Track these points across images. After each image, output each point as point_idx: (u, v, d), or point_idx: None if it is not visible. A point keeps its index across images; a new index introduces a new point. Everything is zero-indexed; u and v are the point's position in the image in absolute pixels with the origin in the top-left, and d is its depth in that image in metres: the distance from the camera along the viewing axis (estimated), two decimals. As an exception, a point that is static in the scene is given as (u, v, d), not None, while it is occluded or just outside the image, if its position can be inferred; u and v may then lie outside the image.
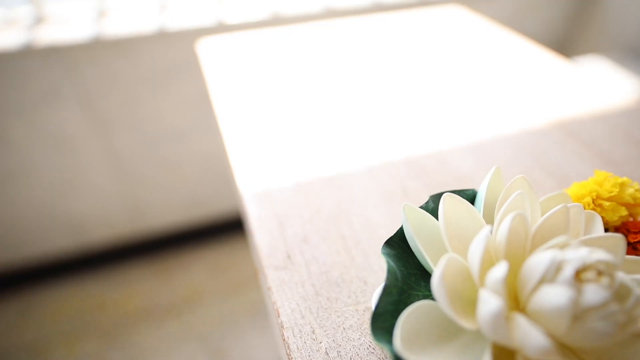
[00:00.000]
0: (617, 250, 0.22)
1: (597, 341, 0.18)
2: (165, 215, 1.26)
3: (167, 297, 1.23)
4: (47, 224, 1.14)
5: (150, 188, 1.18)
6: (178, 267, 1.32)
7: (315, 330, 0.26)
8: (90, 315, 1.18)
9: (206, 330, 1.14)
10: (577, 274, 0.18)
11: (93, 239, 1.22)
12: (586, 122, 0.46)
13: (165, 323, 1.17)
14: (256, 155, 0.41)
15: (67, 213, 1.14)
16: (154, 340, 1.13)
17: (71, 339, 1.13)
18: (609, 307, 0.17)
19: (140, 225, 1.26)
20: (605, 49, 1.29)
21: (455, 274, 0.20)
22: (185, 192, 1.22)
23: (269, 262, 0.30)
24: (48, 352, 1.09)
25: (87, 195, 1.13)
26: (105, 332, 1.14)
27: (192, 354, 1.09)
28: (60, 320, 1.17)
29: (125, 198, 1.18)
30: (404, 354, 0.18)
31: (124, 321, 1.17)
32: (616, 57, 1.22)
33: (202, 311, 1.20)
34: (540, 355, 0.17)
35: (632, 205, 0.26)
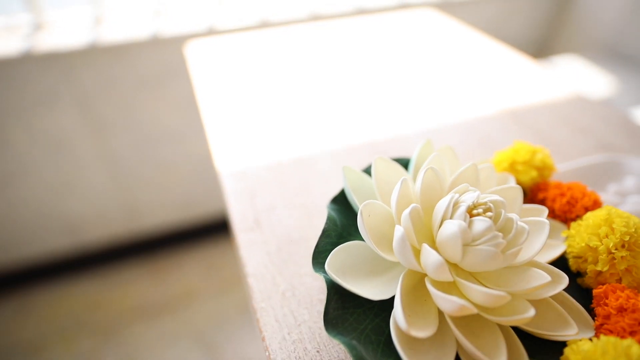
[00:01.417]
0: (516, 198, 0.27)
1: (485, 263, 0.22)
2: (160, 215, 1.29)
3: (161, 295, 1.26)
4: (43, 224, 1.17)
5: (145, 189, 1.22)
6: (172, 266, 1.35)
7: (275, 277, 0.30)
8: (86, 314, 1.20)
9: (200, 328, 1.17)
10: (469, 210, 0.23)
11: (89, 238, 1.25)
12: (533, 111, 0.51)
13: (160, 321, 1.20)
14: (234, 141, 0.46)
15: (64, 213, 1.17)
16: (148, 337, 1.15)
17: (67, 337, 1.15)
18: (492, 234, 0.22)
19: (136, 225, 1.29)
20: (580, 48, 1.35)
21: (380, 217, 0.25)
22: (179, 192, 1.26)
23: (239, 226, 0.34)
24: (45, 350, 1.12)
25: (84, 196, 1.17)
26: (101, 330, 1.16)
27: (186, 351, 1.11)
28: (56, 319, 1.19)
29: (121, 198, 1.21)
30: (331, 275, 0.23)
31: (119, 319, 1.19)
32: (590, 56, 1.28)
33: (196, 309, 1.23)
34: (437, 272, 0.22)
35: (541, 167, 0.30)
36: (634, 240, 0.24)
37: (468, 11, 1.27)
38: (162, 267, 1.34)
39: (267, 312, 0.28)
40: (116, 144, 1.10)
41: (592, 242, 0.25)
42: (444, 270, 0.21)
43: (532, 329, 0.23)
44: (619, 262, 0.24)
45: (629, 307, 0.22)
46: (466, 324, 0.23)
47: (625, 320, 0.22)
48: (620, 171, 0.37)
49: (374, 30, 0.77)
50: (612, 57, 1.27)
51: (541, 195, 0.30)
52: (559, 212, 0.29)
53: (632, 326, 0.22)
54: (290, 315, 0.28)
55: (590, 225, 0.26)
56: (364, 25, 0.79)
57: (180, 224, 1.33)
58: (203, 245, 1.39)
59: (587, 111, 0.51)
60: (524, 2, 1.35)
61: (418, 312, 0.23)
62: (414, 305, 0.23)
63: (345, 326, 0.23)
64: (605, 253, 0.25)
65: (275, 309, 0.28)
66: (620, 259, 0.24)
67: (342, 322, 0.23)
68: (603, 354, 0.20)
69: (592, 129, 0.47)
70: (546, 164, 0.31)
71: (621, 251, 0.24)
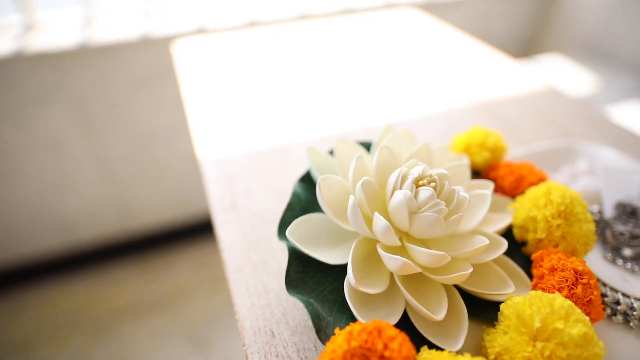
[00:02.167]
0: (464, 174, 0.29)
1: (430, 229, 0.25)
2: (152, 214, 1.31)
3: (153, 293, 1.27)
4: (36, 224, 1.18)
5: (136, 188, 1.23)
6: (164, 264, 1.36)
7: (248, 252, 0.33)
8: (78, 312, 1.21)
9: (191, 325, 1.18)
10: (416, 182, 0.25)
11: (81, 237, 1.26)
12: (504, 103, 0.54)
13: (151, 318, 1.21)
14: (216, 132, 0.48)
15: (56, 213, 1.18)
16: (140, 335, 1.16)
17: (60, 335, 1.16)
18: (435, 201, 0.24)
19: (127, 224, 1.30)
20: (564, 47, 1.39)
21: (339, 191, 0.27)
22: (170, 191, 1.28)
23: (217, 207, 0.37)
24: (37, 348, 1.12)
25: (75, 196, 1.18)
26: (93, 328, 1.17)
27: (178, 348, 1.13)
28: (49, 317, 1.20)
29: (112, 198, 1.23)
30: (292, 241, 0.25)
31: (111, 317, 1.20)
32: (573, 54, 1.32)
33: (187, 307, 1.24)
34: (385, 235, 0.24)
35: (494, 149, 0.33)
36: (569, 210, 0.27)
37: (454, 12, 1.30)
38: (154, 265, 1.35)
39: (239, 283, 0.30)
40: (108, 143, 1.12)
41: (532, 212, 0.28)
42: (390, 234, 0.24)
43: (475, 289, 0.26)
44: (555, 230, 0.27)
45: (559, 267, 0.25)
46: (415, 286, 0.25)
47: (555, 279, 0.24)
48: (574, 155, 0.39)
49: (357, 29, 0.79)
50: (594, 55, 1.31)
51: (492, 174, 0.33)
52: (507, 189, 0.31)
53: (560, 283, 0.24)
54: (260, 284, 0.30)
55: (531, 198, 0.28)
56: (349, 24, 0.82)
57: (172, 222, 1.34)
58: (194, 243, 1.40)
59: (555, 103, 0.53)
60: (509, 3, 1.39)
61: (371, 275, 0.25)
62: (368, 269, 0.25)
63: (305, 287, 0.25)
64: (543, 222, 0.27)
65: (247, 280, 0.30)
66: (556, 227, 0.27)
67: (302, 284, 0.25)
68: (530, 305, 0.22)
69: (557, 119, 0.50)
70: (498, 146, 0.33)
71: (557, 220, 0.27)
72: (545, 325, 0.22)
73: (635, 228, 0.32)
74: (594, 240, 0.28)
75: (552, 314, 0.22)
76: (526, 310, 0.22)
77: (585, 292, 0.24)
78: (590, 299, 0.24)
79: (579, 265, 0.25)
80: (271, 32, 0.78)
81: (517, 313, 0.23)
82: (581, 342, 0.21)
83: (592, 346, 0.21)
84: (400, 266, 0.23)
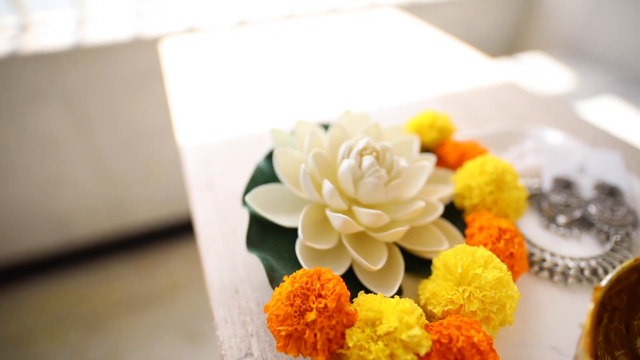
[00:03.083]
0: (410, 148, 0.32)
1: (373, 193, 0.28)
2: (146, 211, 1.33)
3: (147, 289, 1.30)
4: (30, 221, 1.20)
5: (130, 185, 1.26)
6: (158, 260, 1.39)
7: (219, 223, 0.36)
8: (73, 308, 1.23)
9: (185, 320, 1.20)
10: (360, 152, 0.29)
11: (76, 235, 1.28)
12: (468, 94, 0.57)
13: (146, 313, 1.23)
14: (197, 121, 0.51)
15: (51, 210, 1.21)
16: (135, 329, 1.18)
17: (56, 330, 1.18)
18: (375, 168, 0.28)
19: (122, 221, 1.33)
20: (545, 46, 1.43)
21: (295, 163, 0.31)
22: (164, 188, 1.30)
23: (194, 186, 0.40)
24: (32, 343, 1.14)
25: (70, 193, 1.21)
26: (88, 323, 1.19)
27: (172, 342, 1.15)
28: (44, 313, 1.22)
29: (107, 195, 1.25)
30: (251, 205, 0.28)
31: (106, 312, 1.22)
32: (554, 53, 1.36)
33: (181, 302, 1.26)
34: (331, 198, 0.27)
35: (442, 129, 0.36)
36: (500, 179, 0.30)
37: (438, 13, 1.34)
38: (148, 261, 1.38)
39: (210, 251, 0.34)
40: (102, 141, 1.15)
41: (468, 181, 0.31)
42: (336, 196, 0.27)
43: (414, 247, 0.29)
44: (487, 196, 0.30)
45: (486, 226, 0.28)
46: (360, 245, 0.29)
47: (482, 235, 0.28)
48: (522, 137, 0.43)
49: (340, 28, 0.83)
50: (573, 53, 1.35)
51: (439, 150, 0.36)
52: (452, 164, 0.35)
53: (486, 239, 0.28)
54: (229, 251, 0.33)
55: (468, 169, 0.32)
56: (333, 24, 0.86)
57: (166, 219, 1.37)
58: (188, 240, 1.42)
59: (516, 95, 0.57)
60: (491, 5, 1.43)
61: (322, 234, 0.28)
62: (320, 231, 0.29)
63: (263, 247, 0.28)
64: (477, 189, 0.30)
65: (218, 247, 0.34)
66: (488, 193, 0.30)
67: (261, 244, 0.29)
68: (455, 256, 0.26)
69: (514, 108, 0.54)
70: (446, 127, 0.37)
71: (489, 187, 0.30)
72: (467, 272, 0.25)
73: (568, 198, 0.35)
74: (524, 206, 0.31)
75: (473, 262, 0.25)
76: (451, 260, 0.26)
77: (507, 246, 0.27)
78: (512, 253, 0.27)
79: (503, 224, 0.28)
80: (258, 31, 0.81)
81: (444, 263, 0.26)
82: (496, 285, 0.24)
83: (507, 289, 0.25)
84: (342, 223, 0.26)
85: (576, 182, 0.37)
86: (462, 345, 0.22)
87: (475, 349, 0.22)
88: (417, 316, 0.23)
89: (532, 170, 0.38)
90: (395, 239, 0.28)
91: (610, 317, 0.24)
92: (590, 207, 0.35)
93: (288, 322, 0.22)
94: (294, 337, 0.22)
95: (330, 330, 0.22)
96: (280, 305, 0.23)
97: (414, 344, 0.21)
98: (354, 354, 0.22)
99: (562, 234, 0.34)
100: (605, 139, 0.47)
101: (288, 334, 0.22)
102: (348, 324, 0.23)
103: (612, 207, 0.34)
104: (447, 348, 0.22)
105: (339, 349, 0.23)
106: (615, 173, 0.37)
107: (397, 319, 0.22)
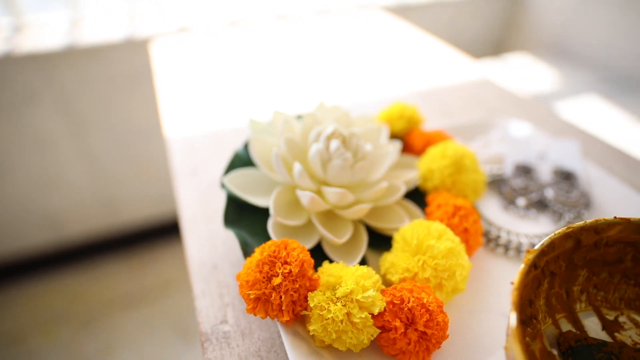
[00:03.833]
0: (378, 135, 0.35)
1: (340, 175, 0.30)
2: (138, 210, 1.35)
3: (139, 286, 1.31)
4: (25, 220, 1.22)
5: (123, 184, 1.28)
6: (150, 259, 1.40)
7: (202, 207, 0.38)
8: (67, 306, 1.24)
9: (177, 317, 1.22)
10: (329, 137, 0.31)
11: (69, 233, 1.29)
12: (445, 91, 0.60)
13: (139, 311, 1.24)
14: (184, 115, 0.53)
15: (44, 209, 1.22)
16: (128, 326, 1.19)
17: (49, 327, 1.19)
18: (341, 151, 0.30)
19: (114, 220, 1.34)
20: (530, 47, 1.46)
21: (269, 149, 0.33)
22: (156, 187, 1.32)
23: (179, 173, 0.42)
24: (25, 340, 1.15)
25: (63, 192, 1.22)
26: (81, 320, 1.20)
27: (164, 339, 1.16)
28: (38, 311, 1.23)
29: (100, 194, 1.27)
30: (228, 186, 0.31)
31: (99, 310, 1.24)
32: (538, 53, 1.40)
33: (173, 299, 1.28)
34: (300, 178, 0.30)
35: (409, 119, 0.39)
36: (459, 162, 0.33)
37: (425, 15, 1.38)
38: (140, 260, 1.39)
39: (191, 232, 0.36)
40: (95, 140, 1.17)
41: (430, 165, 0.33)
42: (305, 177, 0.29)
43: (378, 224, 0.31)
44: (447, 178, 0.33)
45: (443, 203, 0.31)
46: (329, 223, 0.31)
47: (439, 212, 0.30)
48: (489, 127, 0.45)
49: (327, 29, 0.86)
50: (557, 54, 1.39)
51: (407, 138, 0.39)
52: (419, 150, 0.37)
53: (442, 215, 0.30)
54: (210, 232, 0.36)
55: (431, 154, 0.34)
56: (319, 24, 0.88)
57: (158, 218, 1.38)
58: (179, 238, 1.44)
59: (489, 91, 0.60)
60: (478, 7, 1.46)
61: (293, 213, 0.31)
62: (291, 210, 0.31)
63: (240, 224, 0.31)
64: (437, 172, 0.33)
65: (199, 229, 0.36)
66: (447, 176, 0.33)
67: (238, 222, 0.31)
68: (412, 229, 0.28)
69: (487, 102, 0.56)
70: (414, 117, 0.39)
71: (449, 169, 0.33)
72: (421, 243, 0.27)
73: (528, 182, 0.38)
74: (482, 187, 0.34)
75: (428, 235, 0.28)
76: (409, 233, 0.28)
77: (461, 222, 0.30)
78: (466, 228, 0.30)
79: (459, 202, 0.31)
80: (246, 31, 0.84)
81: (403, 236, 0.28)
82: (447, 254, 0.27)
83: (457, 258, 0.27)
84: (309, 200, 0.28)
85: (536, 168, 0.39)
86: (412, 305, 0.24)
87: (424, 309, 0.24)
88: (373, 281, 0.25)
89: (497, 157, 0.41)
90: (359, 216, 0.30)
91: (550, 282, 0.26)
92: (547, 191, 0.37)
93: (257, 286, 0.25)
94: (262, 300, 0.25)
95: (294, 293, 0.24)
96: (250, 272, 0.25)
97: (368, 303, 0.24)
98: (315, 314, 0.24)
99: (521, 215, 0.36)
100: (570, 130, 0.49)
101: (257, 297, 0.25)
102: (311, 288, 0.25)
103: (567, 190, 0.37)
104: (399, 308, 0.24)
105: (303, 310, 0.25)
106: (573, 160, 0.40)
107: (355, 282, 0.24)
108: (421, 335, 0.24)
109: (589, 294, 0.27)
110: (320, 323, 0.24)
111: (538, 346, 0.25)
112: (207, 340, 0.27)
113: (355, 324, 0.23)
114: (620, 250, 0.26)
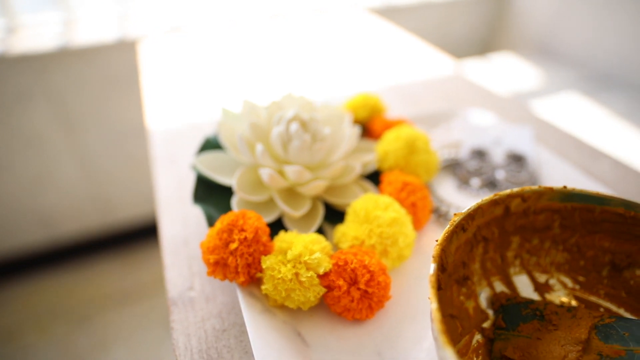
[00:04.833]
0: (340, 121, 0.38)
1: (300, 155, 0.33)
2: (131, 208, 1.37)
3: (133, 284, 1.32)
4: (18, 219, 1.23)
5: (116, 183, 1.30)
6: (143, 256, 1.42)
7: (177, 189, 0.41)
8: (61, 303, 1.26)
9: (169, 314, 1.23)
10: (289, 121, 0.34)
11: (63, 232, 1.31)
12: (417, 86, 0.63)
13: (132, 308, 1.26)
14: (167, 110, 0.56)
15: (38, 208, 1.24)
16: (121, 323, 1.21)
17: (43, 324, 1.20)
18: (300, 133, 0.33)
19: (107, 218, 1.36)
20: (515, 47, 1.50)
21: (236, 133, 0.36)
22: (149, 186, 1.34)
23: (159, 162, 0.45)
24: (21, 337, 1.16)
25: (57, 191, 1.24)
26: (75, 317, 1.22)
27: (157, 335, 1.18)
28: (32, 308, 1.24)
29: (93, 193, 1.29)
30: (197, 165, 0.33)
31: (93, 307, 1.25)
32: (523, 52, 1.43)
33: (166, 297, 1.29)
34: (262, 157, 0.32)
35: (372, 108, 0.42)
36: (411, 144, 0.36)
37: (414, 16, 1.41)
38: (134, 257, 1.40)
39: (166, 211, 0.38)
40: (88, 140, 1.19)
41: (385, 147, 0.36)
42: (266, 156, 0.32)
43: (335, 199, 0.34)
44: (400, 159, 0.35)
45: (393, 181, 0.33)
46: (290, 200, 0.34)
47: (389, 188, 0.33)
48: (451, 116, 0.48)
49: (311, 29, 0.89)
50: (541, 53, 1.42)
51: (370, 125, 0.41)
52: (379, 135, 0.40)
53: (392, 192, 0.33)
54: (183, 212, 0.38)
55: (387, 138, 0.37)
56: (305, 24, 0.92)
57: (150, 216, 1.40)
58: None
59: (460, 86, 0.63)
60: (465, 7, 1.50)
61: (256, 190, 0.33)
62: (256, 187, 0.34)
63: (208, 202, 0.33)
64: (392, 153, 0.36)
65: (173, 209, 0.39)
66: (401, 157, 0.35)
67: (206, 199, 0.34)
68: (362, 202, 0.31)
69: (454, 95, 0.59)
70: (376, 106, 0.42)
71: (402, 151, 0.35)
72: (369, 214, 0.30)
73: (482, 164, 0.41)
74: (434, 168, 0.37)
75: (376, 206, 0.30)
76: (358, 205, 0.31)
77: (408, 196, 0.32)
78: (414, 202, 0.32)
79: (408, 178, 0.33)
80: (234, 30, 0.87)
81: (354, 209, 0.31)
82: (392, 223, 0.29)
83: (401, 227, 0.30)
84: (269, 176, 0.31)
85: (490, 151, 0.42)
86: (355, 266, 0.27)
87: (366, 269, 0.27)
88: (322, 246, 0.28)
89: (456, 143, 0.44)
90: (316, 192, 0.33)
91: (485, 247, 0.29)
92: (499, 172, 0.40)
93: (216, 252, 0.27)
94: (221, 264, 0.27)
95: (249, 257, 0.27)
96: (211, 240, 0.28)
97: (314, 264, 0.26)
98: (267, 274, 0.27)
99: (474, 194, 0.39)
100: (529, 118, 0.52)
101: (216, 261, 0.27)
102: (265, 252, 0.28)
103: (518, 171, 0.40)
104: (342, 269, 0.27)
105: (258, 273, 0.28)
106: (525, 144, 0.42)
107: (303, 246, 0.27)
108: (363, 293, 0.26)
109: (522, 259, 0.30)
110: (271, 283, 0.26)
111: (472, 304, 0.28)
112: (174, 304, 0.30)
113: (303, 282, 0.26)
114: (548, 218, 0.29)
